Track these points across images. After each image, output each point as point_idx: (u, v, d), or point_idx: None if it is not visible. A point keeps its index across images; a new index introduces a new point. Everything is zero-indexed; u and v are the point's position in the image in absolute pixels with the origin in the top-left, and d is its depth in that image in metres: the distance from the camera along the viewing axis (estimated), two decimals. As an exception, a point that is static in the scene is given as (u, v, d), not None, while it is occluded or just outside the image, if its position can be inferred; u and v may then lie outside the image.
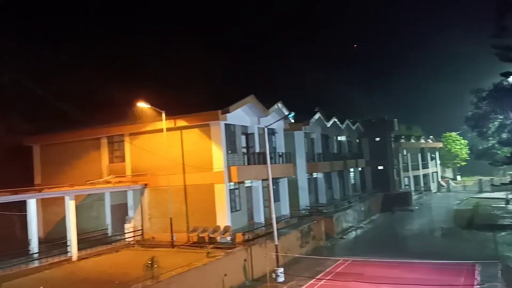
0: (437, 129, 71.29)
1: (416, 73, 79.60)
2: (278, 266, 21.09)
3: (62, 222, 22.54)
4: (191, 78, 40.93)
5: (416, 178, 59.71)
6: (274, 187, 27.34)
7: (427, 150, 64.79)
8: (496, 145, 41.36)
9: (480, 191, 57.98)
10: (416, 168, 59.89)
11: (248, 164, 25.74)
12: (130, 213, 26.21)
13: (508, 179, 43.63)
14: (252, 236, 23.29)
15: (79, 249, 21.61)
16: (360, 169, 47.30)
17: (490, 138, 41.57)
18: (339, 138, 43.03)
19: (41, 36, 36.70)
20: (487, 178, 61.79)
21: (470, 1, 76.20)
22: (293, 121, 31.00)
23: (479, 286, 18.83)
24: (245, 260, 21.09)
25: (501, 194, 45.49)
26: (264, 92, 31.25)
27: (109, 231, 26.03)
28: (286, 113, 27.78)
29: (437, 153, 69.77)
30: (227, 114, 23.74)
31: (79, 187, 23.99)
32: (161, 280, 16.50)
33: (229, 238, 22.81)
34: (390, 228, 33.20)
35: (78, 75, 34.03)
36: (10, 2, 36.06)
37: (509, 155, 36.20)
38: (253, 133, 27.25)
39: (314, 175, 36.74)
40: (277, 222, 23.61)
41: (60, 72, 33.86)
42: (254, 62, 59.62)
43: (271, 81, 55.98)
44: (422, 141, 62.95)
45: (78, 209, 23.04)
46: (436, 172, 68.21)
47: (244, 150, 26.51)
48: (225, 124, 24.43)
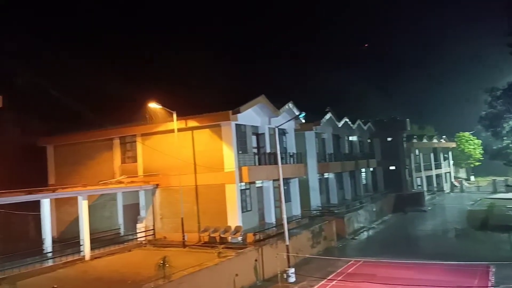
0: (450, 129, 70.46)
1: (429, 72, 78.79)
2: (289, 267, 21.05)
3: (75, 222, 22.80)
4: (202, 79, 41.15)
5: (429, 179, 59.12)
6: (285, 188, 27.32)
7: (440, 150, 64.08)
8: (511, 145, 40.75)
9: (494, 192, 57.14)
10: (429, 168, 59.31)
11: (259, 165, 25.74)
12: (142, 213, 26.41)
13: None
14: (263, 236, 23.29)
15: (92, 249, 21.86)
16: (372, 169, 46.95)
17: (505, 138, 41.00)
18: (351, 138, 42.77)
19: (55, 38, 37.26)
20: (502, 179, 60.96)
21: (485, 0, 75.20)
22: (304, 121, 30.89)
23: (493, 288, 18.62)
24: (256, 260, 21.09)
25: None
26: (275, 92, 31.27)
27: (122, 231, 26.29)
28: (297, 113, 27.70)
29: (450, 153, 68.98)
30: (238, 115, 23.77)
31: (92, 187, 24.22)
32: (173, 280, 16.58)
33: (240, 238, 22.84)
34: (403, 229, 32.93)
35: (91, 76, 34.43)
36: (26, 4, 36.68)
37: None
38: (264, 133, 27.24)
39: (325, 175, 36.59)
40: (288, 223, 23.57)
41: (73, 73, 34.30)
42: (265, 62, 59.61)
43: (282, 81, 56.04)
44: (435, 141, 62.27)
45: (91, 209, 23.28)
46: (449, 173, 67.43)
47: (255, 151, 26.53)
48: (236, 125, 24.45)
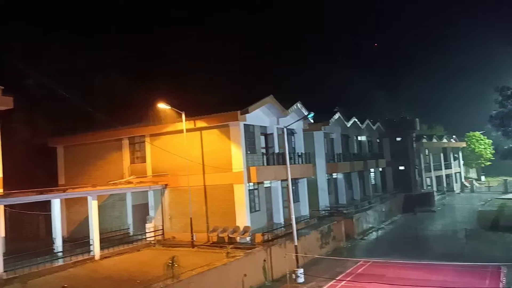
0: (460, 129, 69.87)
1: (439, 71, 78.27)
2: (298, 267, 20.99)
3: (85, 222, 22.96)
4: (210, 79, 41.25)
5: (439, 179, 58.67)
6: (294, 188, 27.28)
7: (450, 150, 63.58)
8: (522, 145, 40.31)
9: (505, 192, 56.54)
10: (439, 169, 58.86)
11: (267, 165, 25.74)
12: (151, 213, 26.55)
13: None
14: (272, 237, 23.29)
15: (102, 248, 22.01)
16: (381, 170, 46.70)
17: (516, 137, 40.51)
18: (359, 138, 42.60)
19: (65, 38, 37.63)
20: (513, 178, 60.28)
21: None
22: (313, 121, 30.86)
23: (505, 289, 18.41)
24: (265, 261, 21.08)
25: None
26: (283, 92, 31.26)
27: (131, 231, 26.43)
28: (306, 113, 27.65)
29: (460, 153, 68.36)
30: (246, 115, 23.78)
31: (102, 188, 24.36)
32: (182, 280, 16.64)
33: (249, 239, 22.86)
34: (412, 229, 32.64)
35: (100, 76, 34.71)
36: (35, 5, 37.04)
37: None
38: (272, 134, 27.23)
39: (334, 176, 36.48)
40: (297, 223, 23.54)
41: (83, 74, 34.58)
42: (274, 62, 59.67)
43: (291, 81, 56.01)
44: (445, 141, 61.76)
45: (101, 209, 23.45)
46: (459, 173, 66.83)
47: (263, 151, 26.54)
48: (244, 125, 24.48)
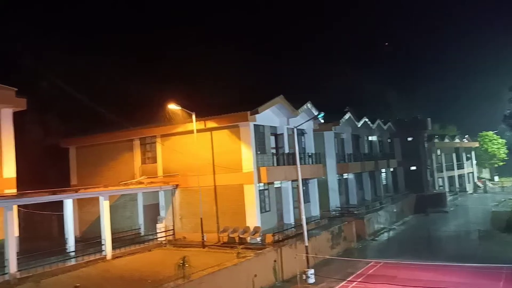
0: (473, 128, 69.07)
1: (452, 71, 77.43)
2: (309, 268, 20.95)
3: (97, 222, 23.14)
4: (220, 79, 41.36)
5: (451, 179, 58.04)
6: (304, 188, 27.22)
7: (463, 150, 62.87)
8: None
9: (520, 192, 55.83)
10: (451, 169, 58.23)
11: (278, 165, 25.69)
12: (162, 213, 26.67)
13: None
14: (282, 237, 23.25)
15: (113, 248, 22.16)
16: (392, 170, 46.32)
17: (530, 137, 40.07)
18: (370, 138, 42.30)
19: (77, 40, 38.04)
20: (527, 179, 59.47)
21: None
22: (323, 121, 30.72)
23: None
24: (275, 261, 21.04)
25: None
26: (294, 92, 31.19)
27: (142, 231, 26.59)
28: (316, 113, 27.54)
29: (473, 153, 67.53)
30: (256, 115, 23.75)
31: (113, 188, 24.53)
32: (193, 280, 16.68)
33: (259, 239, 22.85)
34: (424, 230, 32.39)
35: (112, 78, 34.98)
36: (48, 7, 37.49)
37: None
38: (282, 134, 27.17)
39: (345, 176, 36.28)
40: (307, 223, 23.47)
41: (95, 75, 34.90)
42: (284, 62, 59.60)
43: (301, 81, 55.89)
44: (457, 141, 61.09)
45: (112, 209, 23.61)
46: (472, 173, 66.04)
47: (273, 151, 26.48)
48: (254, 125, 24.46)
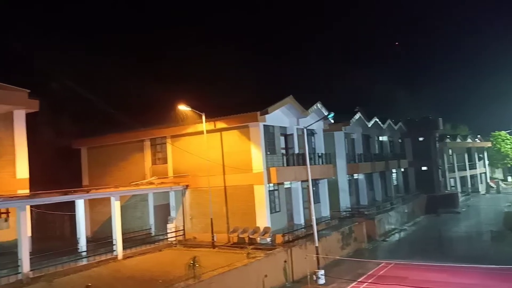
0: (485, 128, 68.24)
1: (464, 70, 76.60)
2: (319, 268, 20.89)
3: (108, 222, 23.36)
4: (230, 80, 41.46)
5: (463, 179, 57.40)
6: (314, 189, 27.12)
7: (475, 150, 62.19)
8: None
9: (534, 193, 55.03)
10: (463, 169, 57.59)
11: (287, 165, 25.66)
12: (172, 214, 26.82)
13: None
14: (292, 238, 23.23)
15: (124, 248, 22.35)
16: (403, 170, 45.97)
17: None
18: (381, 138, 42.06)
19: (88, 41, 38.40)
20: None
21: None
22: (333, 122, 30.64)
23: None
24: (285, 262, 21.02)
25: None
26: (303, 92, 31.11)
27: (153, 231, 26.78)
28: (326, 114, 27.46)
29: (486, 153, 66.68)
30: (266, 116, 23.79)
31: (124, 188, 24.71)
32: (203, 280, 16.75)
33: (269, 239, 22.84)
34: (435, 231, 32.09)
35: (122, 79, 35.26)
36: (59, 8, 37.89)
37: None
38: (292, 134, 27.15)
39: (355, 176, 36.11)
40: (317, 224, 23.41)
41: (106, 76, 35.22)
42: (293, 62, 59.52)
43: (311, 81, 55.74)
44: (469, 141, 60.44)
45: (123, 209, 23.84)
46: (485, 173, 65.24)
47: (283, 151, 26.46)
48: (264, 125, 24.48)
